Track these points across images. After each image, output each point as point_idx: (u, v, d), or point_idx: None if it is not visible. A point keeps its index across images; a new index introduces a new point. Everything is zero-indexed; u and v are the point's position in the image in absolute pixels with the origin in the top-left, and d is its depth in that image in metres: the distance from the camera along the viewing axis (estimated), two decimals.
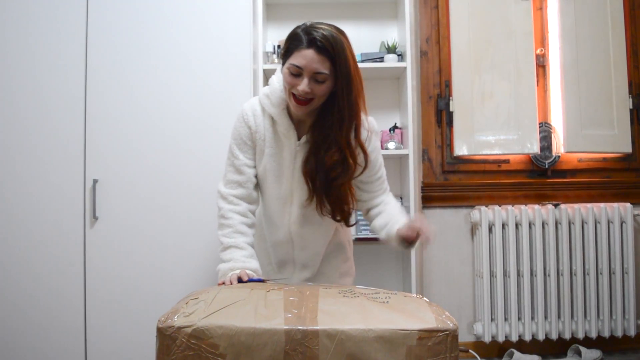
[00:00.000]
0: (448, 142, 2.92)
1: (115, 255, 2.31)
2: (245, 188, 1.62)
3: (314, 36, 1.42)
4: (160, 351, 1.06)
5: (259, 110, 1.61)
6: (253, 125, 1.60)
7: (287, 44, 1.49)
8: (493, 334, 2.76)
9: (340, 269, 1.82)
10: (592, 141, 2.86)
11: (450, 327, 1.10)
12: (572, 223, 2.77)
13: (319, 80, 1.44)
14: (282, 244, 1.72)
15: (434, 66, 2.93)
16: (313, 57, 1.42)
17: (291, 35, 1.49)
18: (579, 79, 2.86)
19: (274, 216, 1.69)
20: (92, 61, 2.33)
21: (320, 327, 1.06)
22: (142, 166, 2.32)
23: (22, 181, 2.30)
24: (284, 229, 1.68)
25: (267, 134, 1.59)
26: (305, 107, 1.48)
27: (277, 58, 2.67)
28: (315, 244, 1.73)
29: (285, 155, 1.59)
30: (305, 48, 1.42)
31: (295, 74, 1.44)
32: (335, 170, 1.53)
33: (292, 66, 1.44)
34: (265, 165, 1.61)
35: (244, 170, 1.61)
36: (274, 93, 1.56)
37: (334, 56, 1.42)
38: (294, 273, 1.75)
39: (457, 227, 2.90)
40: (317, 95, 1.46)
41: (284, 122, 1.56)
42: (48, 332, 2.28)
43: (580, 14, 2.87)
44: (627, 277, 2.77)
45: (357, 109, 1.50)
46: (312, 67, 1.42)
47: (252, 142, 1.62)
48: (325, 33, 1.43)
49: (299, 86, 1.44)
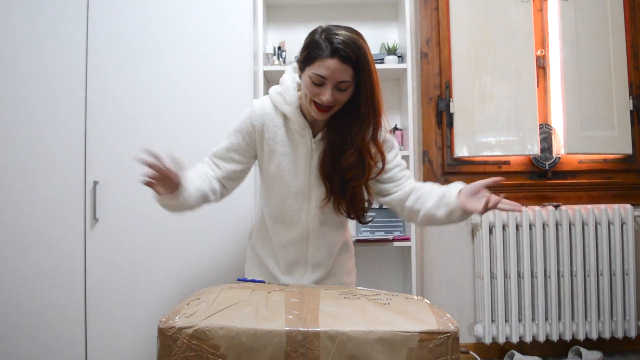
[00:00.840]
0: (448, 144, 2.92)
1: (116, 256, 2.30)
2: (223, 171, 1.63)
3: (335, 45, 1.40)
4: (161, 352, 1.07)
5: (269, 108, 1.59)
6: (259, 124, 1.58)
7: (306, 52, 1.46)
8: (494, 336, 2.76)
9: (346, 266, 1.81)
10: (593, 142, 2.86)
11: (451, 329, 1.10)
12: (572, 224, 2.77)
13: (342, 88, 1.44)
14: (295, 243, 1.68)
15: (434, 68, 2.93)
16: (337, 67, 1.40)
17: (310, 42, 1.46)
18: (579, 80, 2.86)
19: (289, 214, 1.65)
20: (92, 62, 2.33)
21: (321, 328, 1.06)
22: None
23: (23, 182, 2.29)
24: (301, 227, 1.65)
25: (278, 132, 1.58)
26: (326, 114, 1.49)
27: (277, 59, 2.67)
28: (330, 242, 1.71)
29: (301, 152, 1.59)
30: (328, 57, 1.40)
31: (318, 83, 1.43)
32: (352, 172, 1.53)
33: (315, 75, 1.42)
34: (279, 164, 1.59)
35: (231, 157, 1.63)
36: (287, 91, 1.56)
37: (357, 63, 1.42)
38: (305, 274, 1.71)
39: (457, 229, 2.90)
40: (339, 102, 1.47)
41: (298, 120, 1.55)
42: (49, 333, 2.28)
43: (581, 16, 2.88)
44: (628, 278, 2.77)
45: (379, 112, 1.51)
46: (336, 77, 1.41)
47: (251, 140, 1.61)
48: (346, 40, 1.40)
49: (322, 96, 1.43)
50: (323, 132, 1.57)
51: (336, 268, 1.77)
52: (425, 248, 2.88)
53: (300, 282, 1.70)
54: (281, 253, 1.71)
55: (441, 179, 2.92)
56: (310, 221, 1.64)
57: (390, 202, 1.66)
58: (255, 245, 1.80)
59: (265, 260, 1.75)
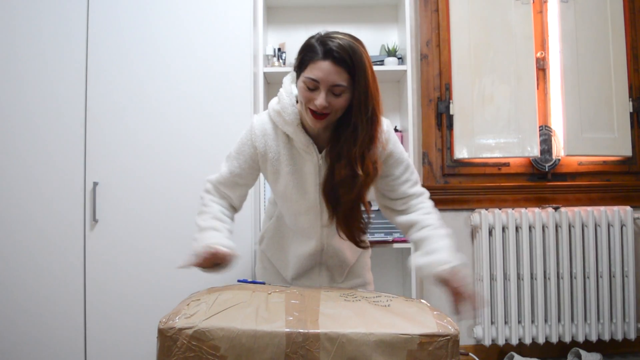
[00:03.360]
0: (448, 145, 2.92)
1: (116, 257, 2.30)
2: (227, 200, 1.60)
3: (330, 47, 1.32)
4: (161, 352, 1.07)
5: (269, 128, 1.52)
6: (261, 146, 1.51)
7: (300, 56, 1.40)
8: (493, 338, 2.75)
9: (368, 264, 1.80)
10: (593, 144, 2.87)
11: (451, 332, 1.10)
12: (572, 226, 2.77)
13: (336, 93, 1.35)
14: (310, 255, 1.65)
15: (434, 69, 2.93)
16: (330, 69, 1.32)
17: (305, 46, 1.40)
18: (579, 82, 2.87)
19: (305, 229, 1.61)
20: (92, 64, 2.33)
21: (321, 330, 1.06)
22: (142, 169, 2.32)
23: (22, 183, 2.29)
24: (316, 242, 1.62)
25: (282, 152, 1.51)
26: (323, 122, 1.40)
27: (277, 61, 2.68)
28: (345, 256, 1.68)
29: (308, 170, 1.51)
30: (321, 60, 1.33)
31: (312, 87, 1.35)
32: (343, 187, 1.43)
33: (307, 79, 1.35)
34: (287, 184, 1.52)
35: (235, 184, 1.58)
36: (285, 110, 1.46)
37: (352, 67, 1.33)
38: (320, 276, 1.69)
39: (457, 231, 2.90)
40: (334, 109, 1.38)
41: (301, 138, 1.47)
42: (48, 334, 2.27)
43: (581, 17, 2.88)
44: (628, 280, 2.77)
45: (374, 123, 1.41)
46: (329, 79, 1.33)
47: (254, 162, 1.55)
48: (341, 43, 1.33)
49: (315, 101, 1.35)
50: (327, 148, 1.48)
51: (357, 267, 1.75)
52: None
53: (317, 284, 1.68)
54: (295, 261, 1.68)
55: (441, 180, 2.92)
56: (324, 239, 1.61)
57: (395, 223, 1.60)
58: (268, 251, 1.77)
59: (277, 265, 1.73)
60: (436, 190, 2.89)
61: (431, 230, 1.49)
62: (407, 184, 1.57)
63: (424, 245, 1.47)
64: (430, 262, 1.41)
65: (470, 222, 2.85)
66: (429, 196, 1.60)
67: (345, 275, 1.73)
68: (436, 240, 1.46)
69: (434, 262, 1.41)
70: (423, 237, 1.49)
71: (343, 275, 1.72)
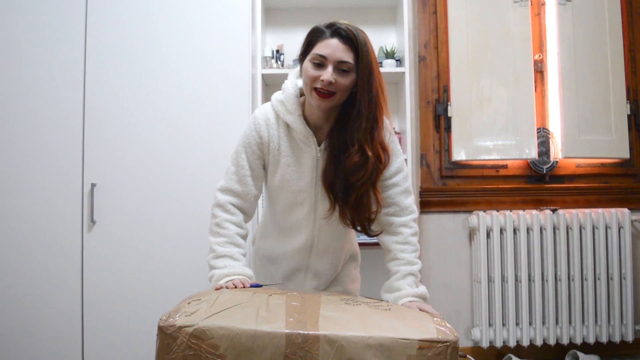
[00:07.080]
0: (446, 147, 2.92)
1: (113, 259, 2.30)
2: (244, 200, 1.55)
3: (337, 27, 1.41)
4: (160, 349, 1.06)
5: (272, 118, 1.53)
6: (265, 135, 1.52)
7: (307, 39, 1.46)
8: (491, 339, 2.75)
9: (352, 275, 1.79)
10: (590, 147, 2.87)
11: (450, 339, 1.10)
12: (570, 228, 2.78)
13: (343, 69, 1.40)
14: (298, 252, 1.64)
15: (432, 71, 2.94)
16: (337, 45, 1.39)
17: (312, 30, 1.46)
18: (577, 84, 2.87)
19: (295, 225, 1.61)
20: (91, 64, 2.33)
21: (321, 332, 1.06)
22: (140, 170, 2.32)
23: (20, 184, 2.29)
24: (306, 237, 1.60)
25: (282, 142, 1.53)
26: (328, 101, 1.42)
27: (275, 63, 2.68)
28: (333, 255, 1.67)
29: (306, 162, 1.53)
30: (329, 37, 1.41)
31: (319, 63, 1.40)
32: (356, 174, 1.43)
33: (315, 56, 1.40)
34: (284, 175, 1.53)
35: (246, 181, 1.55)
36: (288, 99, 1.50)
37: (357, 46, 1.40)
38: (305, 282, 1.68)
39: (455, 232, 2.90)
40: (340, 89, 1.41)
41: (301, 129, 1.49)
42: (46, 334, 2.27)
43: (578, 20, 2.89)
44: (625, 282, 2.78)
45: (378, 105, 1.44)
46: (337, 55, 1.39)
47: (262, 153, 1.55)
48: (348, 25, 1.42)
49: (322, 76, 1.38)
50: (327, 140, 1.51)
51: (341, 276, 1.75)
52: (423, 252, 2.88)
53: (301, 289, 1.66)
54: (283, 260, 1.67)
55: (439, 182, 2.92)
56: (316, 232, 1.60)
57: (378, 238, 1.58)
58: (259, 251, 1.77)
59: (268, 266, 1.73)
60: (434, 192, 2.90)
61: (400, 266, 1.53)
62: (396, 188, 1.55)
63: (390, 280, 1.54)
64: (393, 299, 1.50)
65: (468, 224, 2.85)
66: (414, 218, 1.57)
67: (330, 283, 1.72)
68: (401, 277, 1.51)
69: (395, 299, 1.50)
70: (391, 271, 1.55)
71: (327, 283, 1.72)
